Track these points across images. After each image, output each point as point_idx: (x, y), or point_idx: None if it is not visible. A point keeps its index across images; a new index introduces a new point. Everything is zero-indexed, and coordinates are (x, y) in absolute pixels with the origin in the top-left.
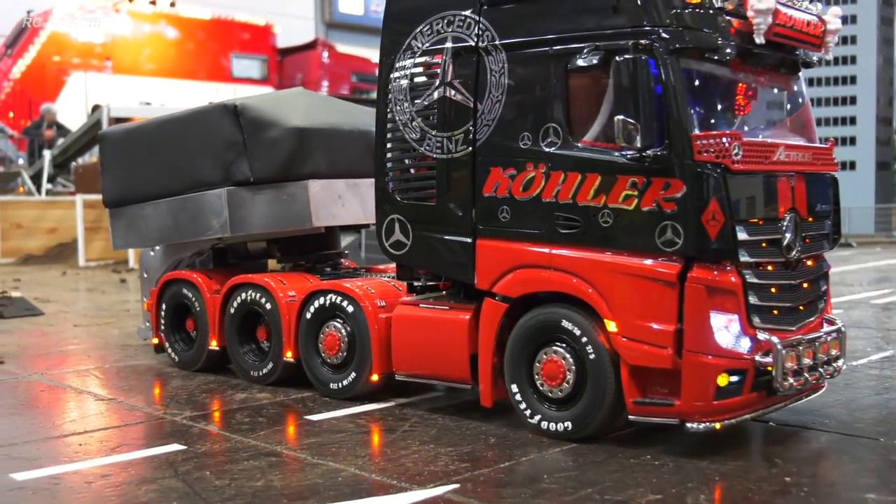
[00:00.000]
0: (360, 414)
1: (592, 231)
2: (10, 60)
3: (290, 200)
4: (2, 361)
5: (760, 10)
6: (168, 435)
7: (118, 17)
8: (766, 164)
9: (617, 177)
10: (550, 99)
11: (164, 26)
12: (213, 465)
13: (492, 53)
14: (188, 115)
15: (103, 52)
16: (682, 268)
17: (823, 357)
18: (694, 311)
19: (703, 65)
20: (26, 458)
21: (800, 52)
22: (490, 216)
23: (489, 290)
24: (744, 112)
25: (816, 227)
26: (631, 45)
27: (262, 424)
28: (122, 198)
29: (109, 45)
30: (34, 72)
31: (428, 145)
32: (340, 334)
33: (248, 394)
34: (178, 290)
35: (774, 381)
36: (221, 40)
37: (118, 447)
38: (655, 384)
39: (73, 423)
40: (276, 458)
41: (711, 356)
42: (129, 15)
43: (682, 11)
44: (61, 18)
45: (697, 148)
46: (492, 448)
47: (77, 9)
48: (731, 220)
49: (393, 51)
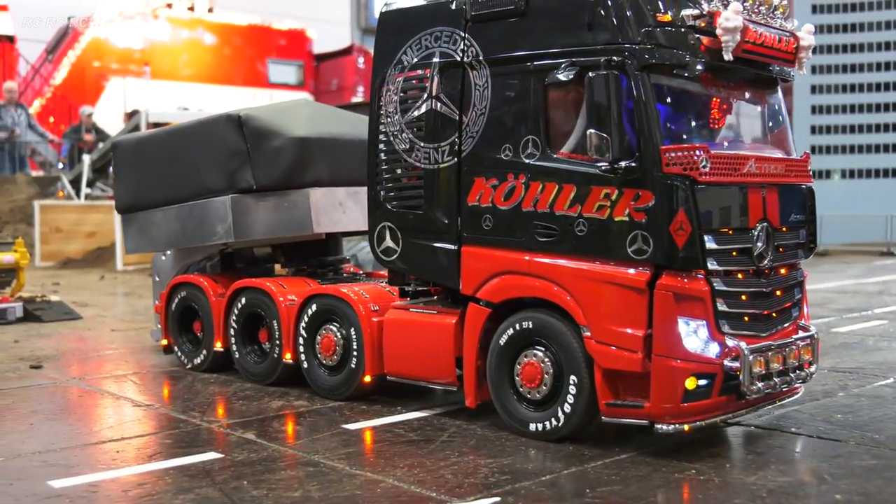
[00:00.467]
0: (397, 423)
1: (568, 239)
2: (50, 66)
3: (292, 207)
4: (40, 366)
5: (728, 28)
6: (205, 443)
7: (157, 23)
8: (736, 176)
9: (591, 187)
10: (529, 112)
11: (202, 32)
12: (251, 475)
13: (476, 68)
14: (195, 125)
15: (142, 57)
16: (652, 275)
17: (794, 363)
18: (662, 317)
19: (674, 80)
20: (63, 464)
21: (774, 67)
22: (474, 224)
23: (473, 295)
24: (716, 126)
25: (790, 237)
26: (603, 61)
27: (298, 433)
28: (133, 204)
29: (148, 51)
30: (74, 77)
31: (416, 156)
32: (336, 337)
33: (284, 401)
34: (186, 293)
35: (742, 386)
36: (258, 46)
37: (155, 455)
38: (627, 387)
39: (110, 430)
40: (313, 468)
41: (679, 360)
42: (168, 21)
43: (654, 29)
44: (101, 24)
45: (666, 160)
46: (532, 460)
47: (117, 15)
48: (698, 230)
49: (384, 65)
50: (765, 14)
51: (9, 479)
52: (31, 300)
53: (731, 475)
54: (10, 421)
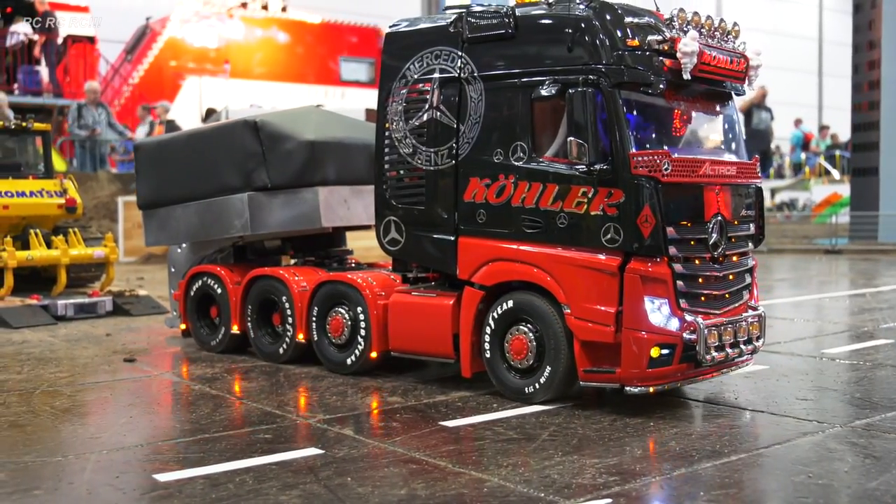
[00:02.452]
0: (496, 421)
1: (551, 231)
2: (129, 66)
3: (303, 204)
4: (133, 359)
5: (686, 52)
6: (304, 438)
7: (231, 22)
8: (694, 176)
9: (571, 186)
10: (518, 122)
11: (276, 31)
12: (354, 472)
13: (471, 83)
14: (214, 130)
15: (217, 56)
16: (622, 261)
17: (744, 337)
18: (631, 296)
19: (641, 96)
20: (167, 458)
21: (727, 84)
22: (469, 218)
23: (468, 279)
24: (678, 133)
25: (741, 229)
26: (581, 79)
27: (396, 430)
28: (154, 200)
29: (223, 50)
30: (152, 76)
31: (418, 159)
32: (345, 318)
33: (378, 397)
34: (204, 281)
35: (699, 355)
36: (330, 44)
37: (256, 450)
38: (601, 356)
39: (208, 423)
40: (416, 466)
41: (645, 333)
42: (242, 20)
43: (624, 53)
44: (178, 24)
45: (634, 164)
46: (639, 461)
47: (193, 15)
48: (661, 222)
49: (390, 78)
50: (720, 38)
51: (114, 473)
52: (119, 294)
53: (836, 480)
54: (111, 414)
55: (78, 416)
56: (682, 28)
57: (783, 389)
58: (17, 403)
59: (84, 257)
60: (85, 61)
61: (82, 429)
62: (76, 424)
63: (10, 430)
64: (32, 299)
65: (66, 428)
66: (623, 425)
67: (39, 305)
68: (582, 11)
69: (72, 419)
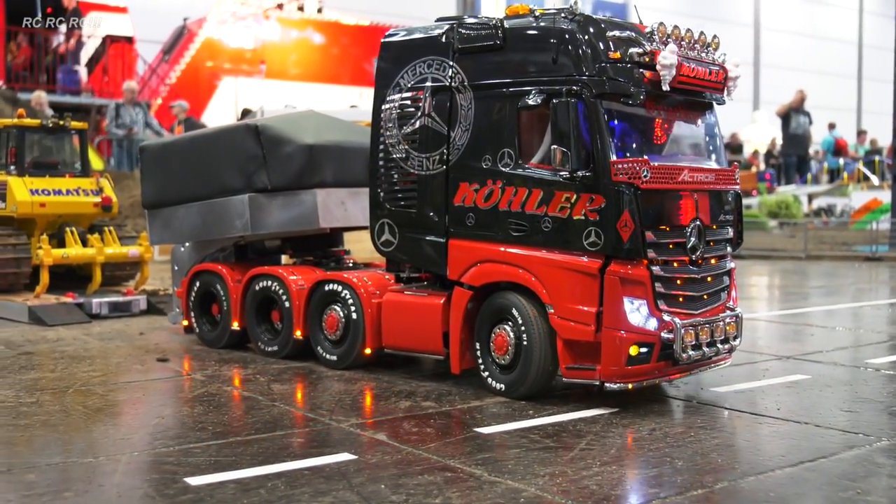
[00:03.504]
0: (531, 428)
1: (536, 234)
2: (167, 66)
3: (301, 205)
4: (166, 359)
5: (665, 64)
6: (336, 443)
7: (267, 23)
8: (673, 183)
9: (555, 192)
10: (505, 129)
11: (311, 32)
12: (387, 478)
13: (462, 92)
14: (217, 133)
15: (253, 57)
16: (603, 263)
17: (721, 336)
18: (611, 297)
19: (622, 105)
20: (198, 461)
21: (707, 94)
22: (459, 221)
23: (458, 280)
24: (659, 142)
25: (720, 233)
26: (565, 90)
27: (430, 435)
28: (158, 201)
29: (259, 51)
30: (189, 76)
31: (411, 164)
32: (339, 315)
33: (411, 402)
34: (206, 279)
35: (676, 353)
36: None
37: (289, 454)
38: (582, 353)
39: (240, 426)
40: (450, 474)
41: (624, 332)
42: (278, 21)
43: (605, 65)
44: (214, 25)
45: (614, 171)
46: (680, 473)
47: (229, 16)
48: (640, 227)
49: (384, 87)
50: (699, 50)
51: (145, 475)
52: (153, 293)
53: None
54: (143, 415)
55: (110, 416)
56: (662, 41)
57: (826, 400)
58: (50, 402)
59: (119, 256)
60: (123, 61)
61: (114, 429)
62: (108, 425)
63: (43, 429)
64: (67, 297)
65: (97, 428)
66: (663, 435)
67: (74, 303)
68: (567, 24)
69: (104, 419)
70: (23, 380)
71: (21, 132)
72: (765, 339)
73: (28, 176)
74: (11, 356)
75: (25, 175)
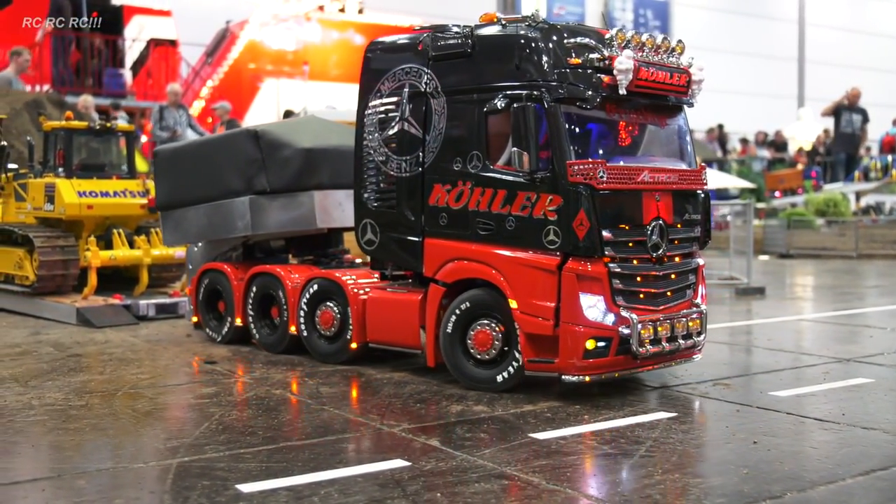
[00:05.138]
0: (587, 434)
1: (502, 233)
2: (209, 68)
3: (299, 206)
4: (214, 361)
5: (621, 69)
6: (388, 448)
7: (309, 25)
8: (631, 183)
9: (517, 192)
10: (474, 133)
11: (352, 33)
12: (443, 486)
13: (435, 97)
14: (220, 138)
15: (294, 58)
16: (561, 261)
17: (682, 332)
18: (567, 293)
19: (580, 110)
20: (250, 467)
21: (671, 98)
22: (433, 221)
23: (433, 277)
24: (622, 143)
25: (685, 232)
26: (525, 94)
27: (484, 441)
28: (170, 203)
29: (301, 52)
30: (231, 78)
31: (390, 166)
32: (333, 312)
33: (463, 405)
34: (213, 277)
35: (632, 348)
36: None
37: (341, 460)
38: (544, 347)
39: (290, 431)
40: (507, 482)
41: (581, 327)
42: (319, 23)
43: (565, 70)
44: (256, 27)
45: (571, 172)
46: (745, 482)
47: (271, 18)
48: (596, 226)
49: (367, 93)
50: (663, 55)
51: (196, 482)
52: None
53: None
54: (192, 419)
55: (159, 419)
56: (621, 47)
57: (891, 405)
58: (100, 405)
59: (165, 258)
60: (167, 64)
61: (163, 433)
62: (157, 429)
63: (93, 433)
64: (115, 299)
65: (147, 432)
66: (725, 441)
67: (121, 305)
68: (530, 32)
69: (153, 423)
70: (72, 382)
71: (69, 134)
72: (822, 340)
73: (76, 178)
74: (61, 358)
75: (73, 177)
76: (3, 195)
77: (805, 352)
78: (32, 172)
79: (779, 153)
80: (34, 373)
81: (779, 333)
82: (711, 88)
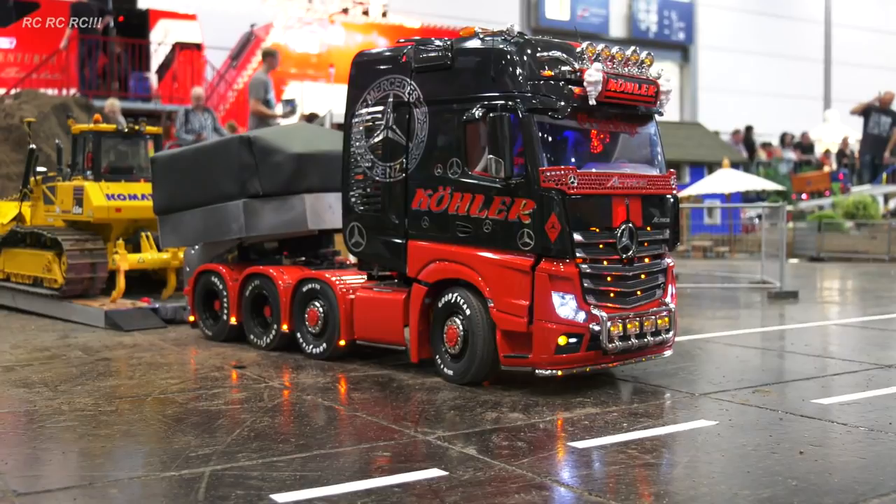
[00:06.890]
0: (628, 442)
1: (479, 235)
2: (234, 71)
3: (291, 209)
4: (243, 366)
5: (591, 81)
6: (425, 457)
7: (333, 28)
8: (601, 188)
9: (494, 197)
10: (453, 141)
11: (376, 36)
12: (482, 497)
13: (418, 106)
14: (216, 144)
15: (319, 61)
16: (535, 262)
17: (651, 329)
18: (540, 292)
19: (552, 119)
20: (283, 476)
21: (640, 107)
22: (416, 224)
23: (416, 277)
24: (595, 151)
25: (654, 235)
26: (500, 105)
27: (523, 450)
28: (167, 207)
29: (325, 55)
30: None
31: (376, 172)
32: (319, 311)
33: (498, 413)
34: (208, 278)
35: (602, 344)
36: None
37: (375, 468)
38: (519, 343)
39: (324, 439)
40: (548, 493)
41: (553, 324)
42: (343, 26)
43: (537, 82)
44: (281, 31)
45: (543, 178)
46: (796, 494)
47: (295, 21)
48: (568, 229)
49: (354, 102)
50: (632, 66)
51: (229, 491)
52: None
53: None
54: (223, 425)
55: (190, 425)
56: (591, 60)
57: None
58: (130, 411)
59: None
60: (192, 67)
61: (195, 440)
62: (189, 435)
63: (124, 440)
64: (143, 302)
65: (178, 439)
66: (769, 451)
67: (150, 308)
68: (506, 46)
69: (184, 429)
70: (101, 387)
71: (97, 137)
72: (860, 345)
73: (104, 181)
74: (90, 362)
75: (101, 180)
76: (31, 198)
77: (844, 357)
78: (61, 175)
79: (805, 155)
80: (64, 377)
81: (815, 338)
82: (737, 90)
